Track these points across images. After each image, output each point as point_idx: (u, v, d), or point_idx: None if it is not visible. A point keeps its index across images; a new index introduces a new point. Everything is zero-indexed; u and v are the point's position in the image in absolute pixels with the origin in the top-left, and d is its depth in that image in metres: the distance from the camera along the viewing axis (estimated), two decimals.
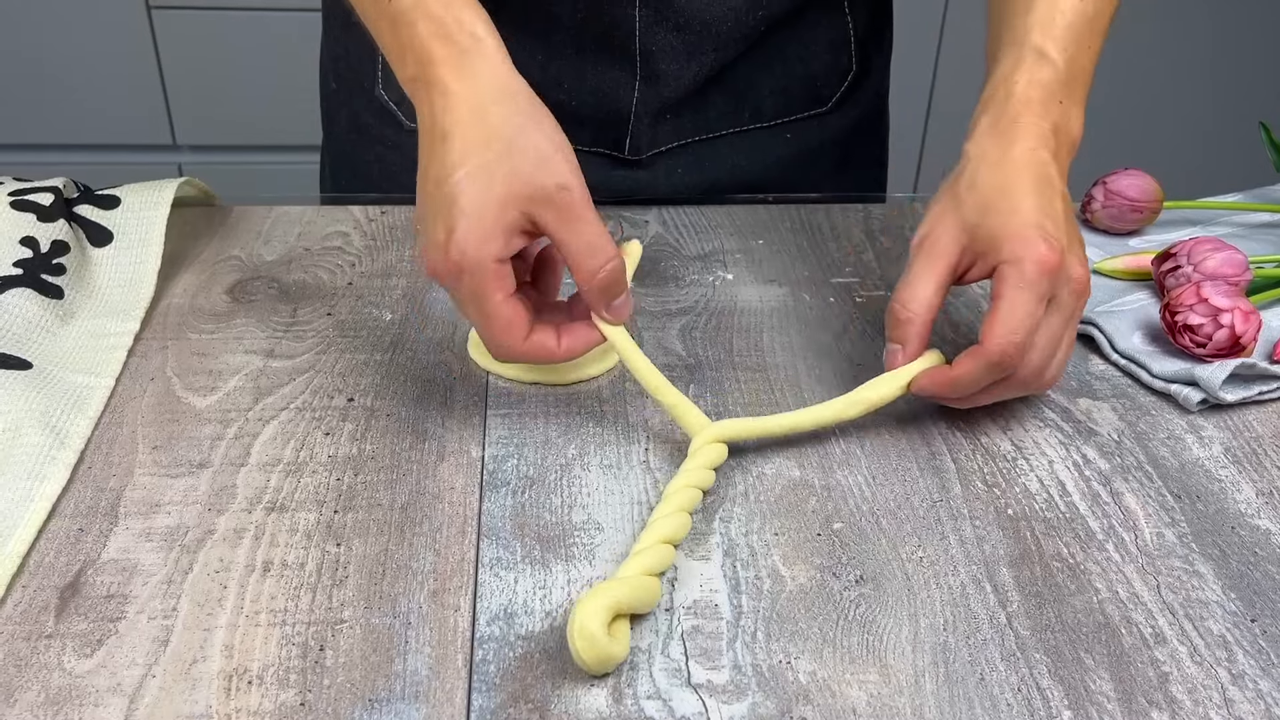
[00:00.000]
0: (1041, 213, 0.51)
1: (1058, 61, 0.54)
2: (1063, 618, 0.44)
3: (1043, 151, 0.53)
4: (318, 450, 0.52)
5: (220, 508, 0.49)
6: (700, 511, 0.49)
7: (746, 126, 0.78)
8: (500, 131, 0.49)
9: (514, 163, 0.48)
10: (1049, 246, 0.49)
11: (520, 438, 0.54)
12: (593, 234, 0.49)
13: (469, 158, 0.48)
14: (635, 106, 0.74)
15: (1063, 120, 0.54)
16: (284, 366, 0.58)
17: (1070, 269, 0.50)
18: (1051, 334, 0.51)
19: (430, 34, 0.50)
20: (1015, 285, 0.49)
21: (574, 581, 0.45)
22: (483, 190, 0.48)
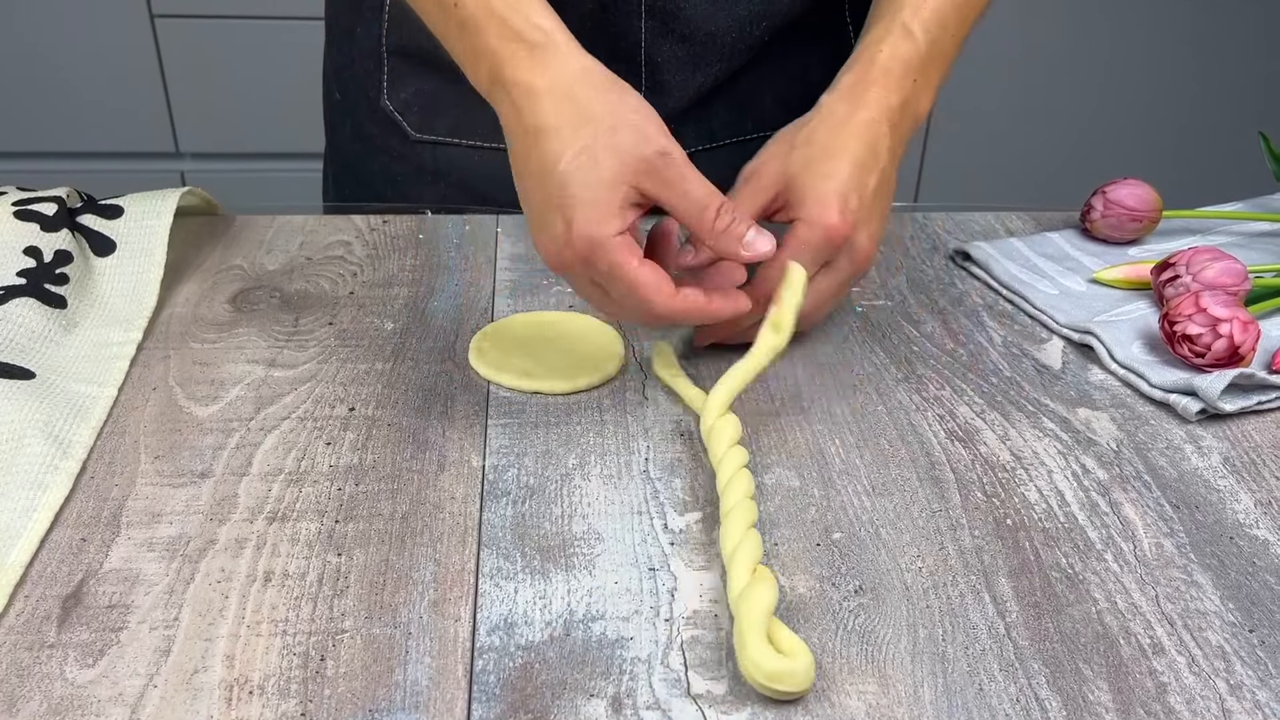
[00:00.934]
0: (851, 183, 0.55)
1: (920, 40, 0.59)
2: (1061, 628, 0.44)
3: (883, 124, 0.57)
4: (319, 460, 0.53)
5: (222, 517, 0.49)
6: (700, 521, 0.49)
7: (749, 135, 0.78)
8: (590, 113, 0.50)
9: (612, 140, 0.49)
10: (841, 217, 0.54)
11: (521, 447, 0.54)
12: (698, 189, 0.51)
13: (568, 146, 0.49)
14: None
15: (912, 97, 0.58)
16: (286, 376, 0.59)
17: (857, 241, 0.55)
18: (819, 291, 0.56)
19: (501, 36, 0.51)
20: (797, 241, 0.55)
21: (574, 591, 0.46)
22: (590, 174, 0.49)
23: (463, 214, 0.77)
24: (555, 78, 0.50)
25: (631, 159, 0.49)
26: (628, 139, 0.49)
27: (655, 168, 0.50)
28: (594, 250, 0.49)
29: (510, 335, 0.62)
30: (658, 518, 0.50)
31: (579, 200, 0.49)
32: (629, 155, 0.49)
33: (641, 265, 0.50)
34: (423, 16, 0.56)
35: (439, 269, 0.70)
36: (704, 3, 0.71)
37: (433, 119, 0.77)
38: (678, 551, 0.48)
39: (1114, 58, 1.83)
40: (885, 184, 0.57)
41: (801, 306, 0.54)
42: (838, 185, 0.55)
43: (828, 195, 0.54)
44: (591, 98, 0.50)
